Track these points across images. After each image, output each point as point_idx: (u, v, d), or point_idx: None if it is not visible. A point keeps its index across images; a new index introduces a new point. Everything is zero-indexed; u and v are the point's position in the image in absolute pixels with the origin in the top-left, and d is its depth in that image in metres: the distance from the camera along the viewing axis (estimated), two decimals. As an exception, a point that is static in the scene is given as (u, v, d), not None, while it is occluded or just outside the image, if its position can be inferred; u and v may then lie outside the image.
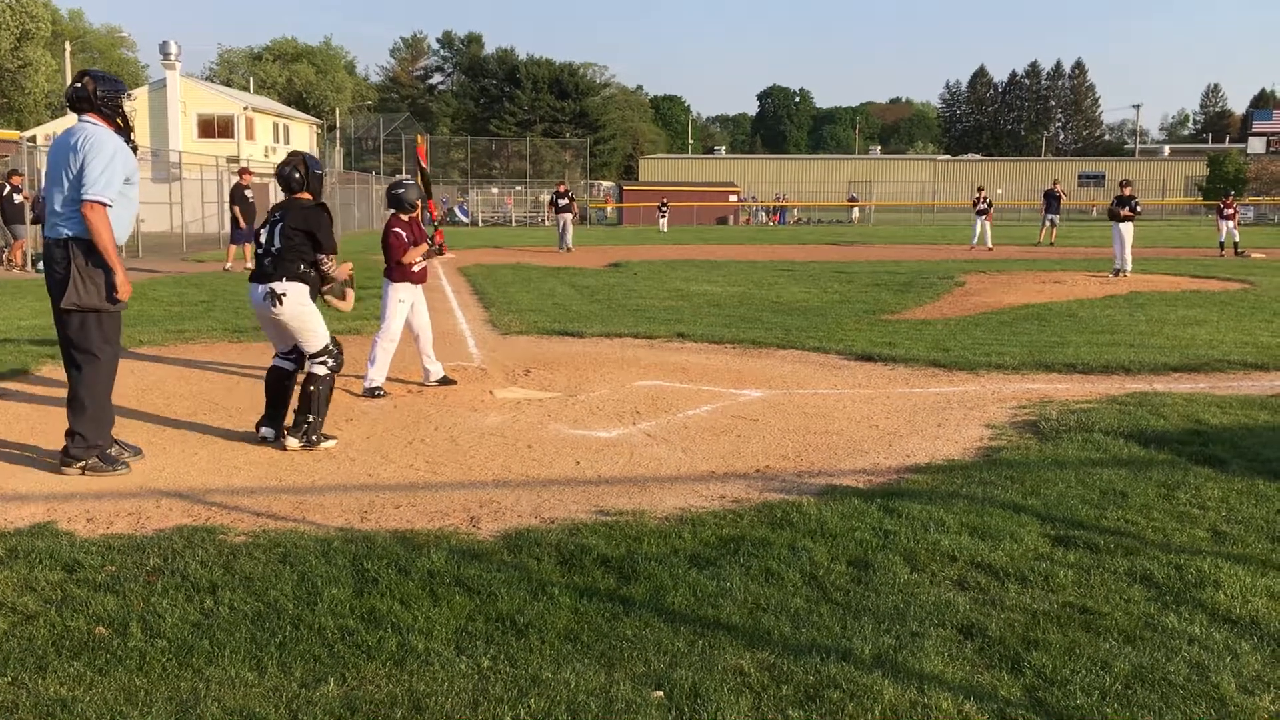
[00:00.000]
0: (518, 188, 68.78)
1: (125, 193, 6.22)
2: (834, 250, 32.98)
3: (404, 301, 8.86)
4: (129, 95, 6.45)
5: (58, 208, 6.11)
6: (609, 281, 20.13)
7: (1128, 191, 21.55)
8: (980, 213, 33.02)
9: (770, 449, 6.95)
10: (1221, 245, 29.72)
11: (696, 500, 5.73)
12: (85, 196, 5.97)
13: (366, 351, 9.05)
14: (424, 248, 8.90)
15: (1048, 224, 35.65)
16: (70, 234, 6.08)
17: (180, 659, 3.69)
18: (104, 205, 6.02)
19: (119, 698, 3.41)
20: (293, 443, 6.79)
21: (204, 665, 3.65)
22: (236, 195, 22.94)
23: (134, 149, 6.41)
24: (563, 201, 32.77)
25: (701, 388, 9.04)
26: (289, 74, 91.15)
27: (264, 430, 7.03)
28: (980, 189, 35.44)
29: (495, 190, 70.09)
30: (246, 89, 72.65)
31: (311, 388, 6.83)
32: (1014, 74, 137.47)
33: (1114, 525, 5.20)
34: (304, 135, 66.06)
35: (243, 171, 23.77)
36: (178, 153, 40.03)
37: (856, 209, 69.70)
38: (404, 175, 45.21)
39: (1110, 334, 12.21)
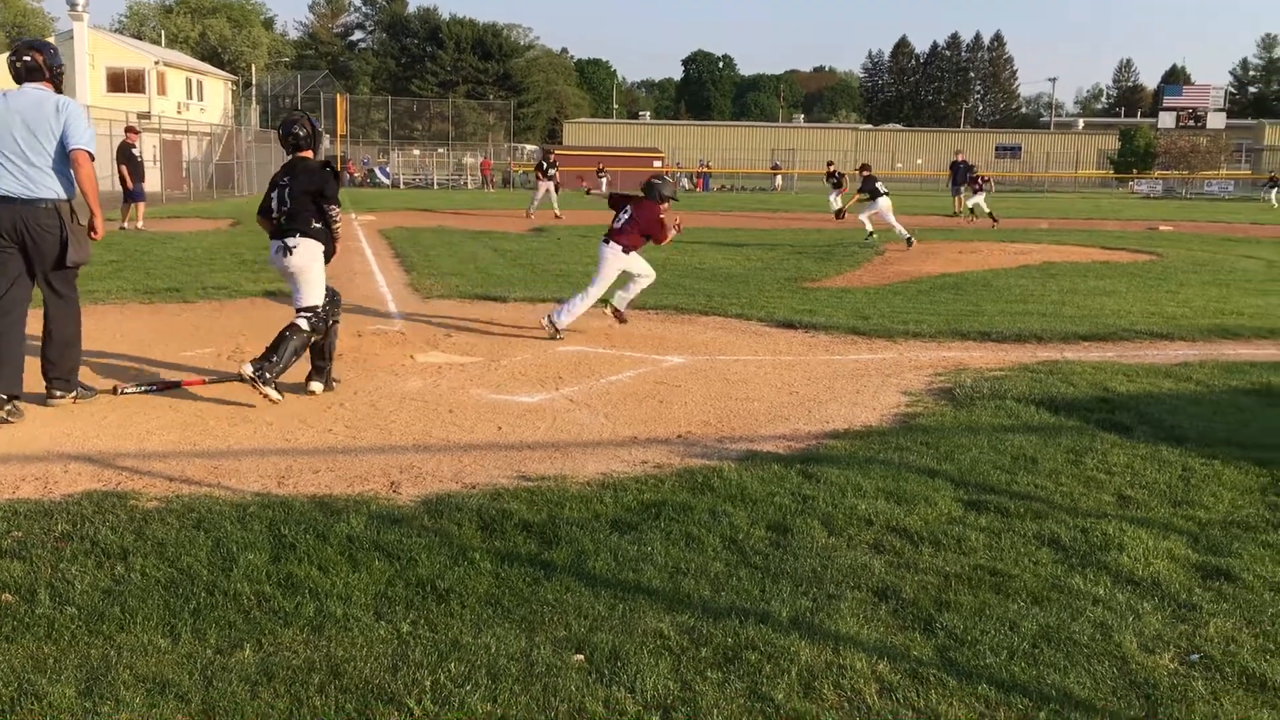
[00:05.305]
0: (440, 150, 67.79)
1: None
2: (756, 217, 33.10)
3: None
4: None
5: (42, 166, 6.45)
6: (532, 246, 20.00)
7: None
8: (838, 185, 28.29)
9: (692, 415, 7.00)
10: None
11: (618, 465, 5.75)
12: (81, 145, 6.48)
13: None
14: None
15: (959, 196, 35.83)
16: (57, 196, 6.51)
17: (90, 626, 3.62)
18: (90, 155, 6.57)
19: (26, 665, 3.34)
20: (247, 369, 6.78)
21: (115, 632, 3.58)
22: (123, 154, 22.48)
23: None
24: (551, 171, 32.89)
25: (624, 353, 9.05)
26: (202, 28, 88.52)
27: (312, 384, 7.31)
28: (830, 162, 32.32)
29: (417, 152, 69.03)
30: (158, 43, 70.38)
31: (289, 334, 6.97)
32: (935, 45, 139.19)
33: (1024, 490, 5.34)
34: (219, 92, 64.29)
35: (129, 130, 23.42)
36: (86, 107, 38.77)
37: (779, 177, 70.03)
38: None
39: (1023, 303, 12.48)
